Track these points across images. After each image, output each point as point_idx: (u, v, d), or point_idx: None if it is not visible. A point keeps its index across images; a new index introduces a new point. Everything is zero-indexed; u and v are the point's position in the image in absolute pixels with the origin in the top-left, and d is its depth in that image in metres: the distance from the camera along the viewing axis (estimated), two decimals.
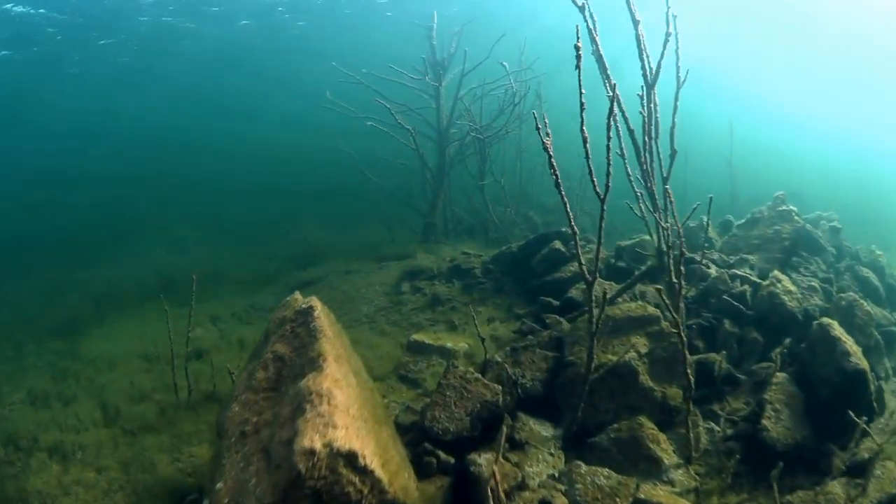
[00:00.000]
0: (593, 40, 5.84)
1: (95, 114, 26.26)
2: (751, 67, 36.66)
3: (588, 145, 3.73)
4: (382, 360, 7.27)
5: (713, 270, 8.19)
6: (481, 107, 11.23)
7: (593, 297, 4.30)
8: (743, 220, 9.82)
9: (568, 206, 3.92)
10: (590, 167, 3.82)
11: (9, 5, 16.40)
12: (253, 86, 26.23)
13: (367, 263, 11.07)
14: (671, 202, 5.70)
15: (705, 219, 11.14)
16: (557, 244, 8.42)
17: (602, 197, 3.98)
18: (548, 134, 3.71)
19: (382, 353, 7.42)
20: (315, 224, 19.19)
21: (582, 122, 3.73)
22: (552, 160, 3.65)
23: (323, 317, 3.53)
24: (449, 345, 6.42)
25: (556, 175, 3.76)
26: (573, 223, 4.00)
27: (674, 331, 6.28)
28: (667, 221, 6.71)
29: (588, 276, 4.20)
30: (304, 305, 3.62)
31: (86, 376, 8.24)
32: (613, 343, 5.98)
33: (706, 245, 7.61)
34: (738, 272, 7.97)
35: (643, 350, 5.98)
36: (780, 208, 9.58)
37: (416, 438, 4.40)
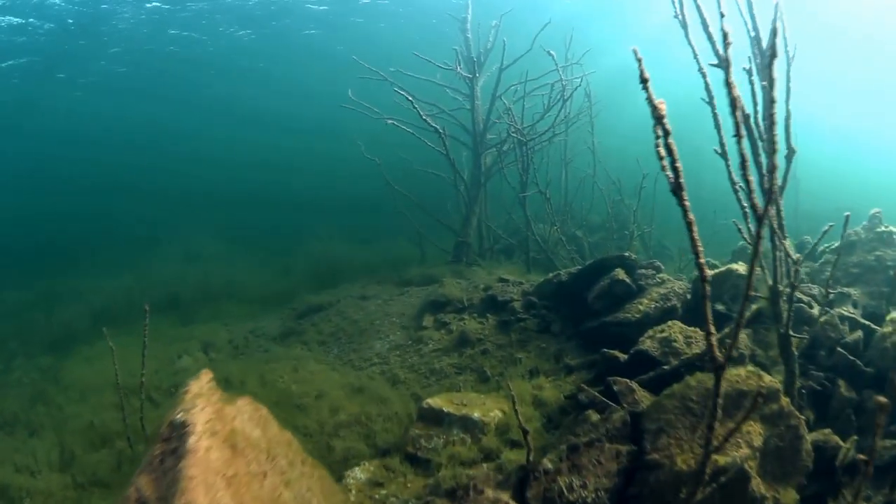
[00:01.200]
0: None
1: (112, 121, 25.73)
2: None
3: (739, 114, 1.98)
4: (390, 422, 5.59)
5: (816, 311, 6.35)
6: (523, 107, 9.49)
7: (720, 383, 2.50)
8: (836, 244, 8.04)
9: (695, 227, 2.17)
10: (742, 156, 2.07)
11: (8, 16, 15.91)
12: (271, 93, 25.27)
13: (387, 287, 9.44)
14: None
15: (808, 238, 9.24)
16: (621, 274, 6.59)
17: (761, 213, 2.21)
18: (655, 110, 1.96)
19: (391, 412, 5.75)
20: (339, 237, 17.87)
21: (729, 85, 1.98)
22: (670, 143, 1.91)
23: (203, 450, 1.85)
24: (476, 415, 4.68)
25: (678, 173, 2.01)
26: (700, 256, 2.25)
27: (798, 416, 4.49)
28: (782, 248, 4.96)
29: (717, 353, 2.41)
30: (178, 417, 1.97)
31: (57, 404, 7.75)
32: (718, 434, 4.13)
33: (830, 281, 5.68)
34: (844, 312, 6.13)
35: (757, 442, 4.12)
36: (879, 229, 7.90)
37: None
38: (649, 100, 1.89)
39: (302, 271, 14.27)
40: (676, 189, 2.13)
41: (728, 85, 2.01)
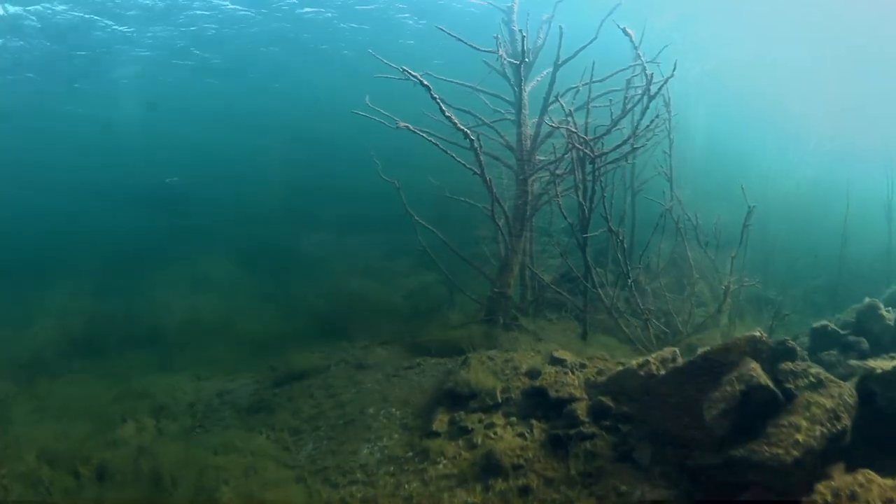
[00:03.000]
0: None
1: (130, 133, 24.69)
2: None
3: None
4: None
5: None
6: (587, 115, 7.05)
7: None
8: None
9: None
10: None
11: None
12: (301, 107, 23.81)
13: (394, 352, 7.04)
14: None
15: None
16: (759, 374, 4.01)
17: None
18: None
19: None
20: (358, 268, 15.70)
21: None
22: None
23: None
24: None
25: None
26: None
27: None
28: None
29: None
30: None
31: None
32: None
33: None
34: None
35: None
36: None
37: None
38: None
39: (309, 312, 12.09)
40: None
41: None
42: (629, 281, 6.62)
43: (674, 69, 5.88)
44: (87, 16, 16.02)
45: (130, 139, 25.19)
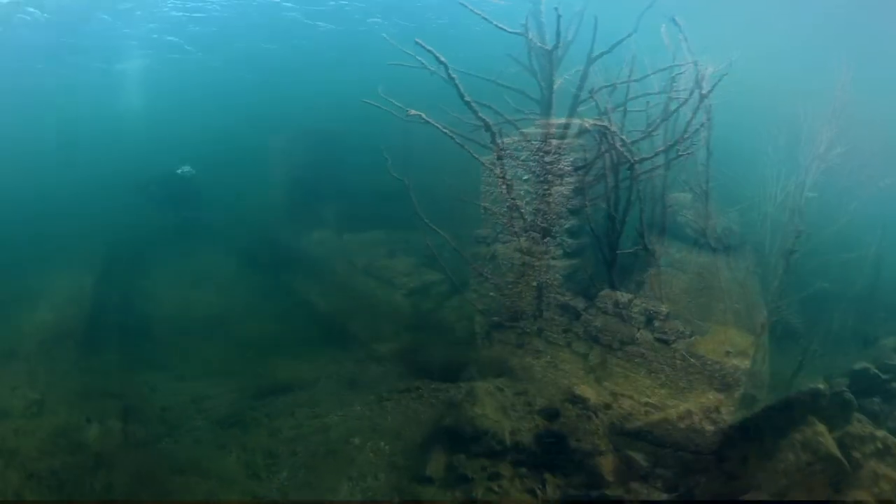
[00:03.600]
0: None
1: (141, 117, 24.40)
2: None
3: None
4: None
5: None
6: (624, 114, 6.29)
7: None
8: None
9: None
10: None
11: None
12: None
13: (390, 371, 6.30)
14: None
15: None
16: (824, 440, 3.26)
17: None
18: None
19: None
20: (363, 264, 14.93)
21: None
22: None
23: None
24: None
25: None
26: None
27: None
28: None
29: None
30: None
31: None
32: None
33: None
34: None
35: None
36: None
37: None
38: None
39: (304, 313, 11.36)
40: None
41: None
42: (664, 305, 5.84)
43: (729, 66, 5.10)
44: (88, 8, 15.59)
45: (135, 130, 24.77)
